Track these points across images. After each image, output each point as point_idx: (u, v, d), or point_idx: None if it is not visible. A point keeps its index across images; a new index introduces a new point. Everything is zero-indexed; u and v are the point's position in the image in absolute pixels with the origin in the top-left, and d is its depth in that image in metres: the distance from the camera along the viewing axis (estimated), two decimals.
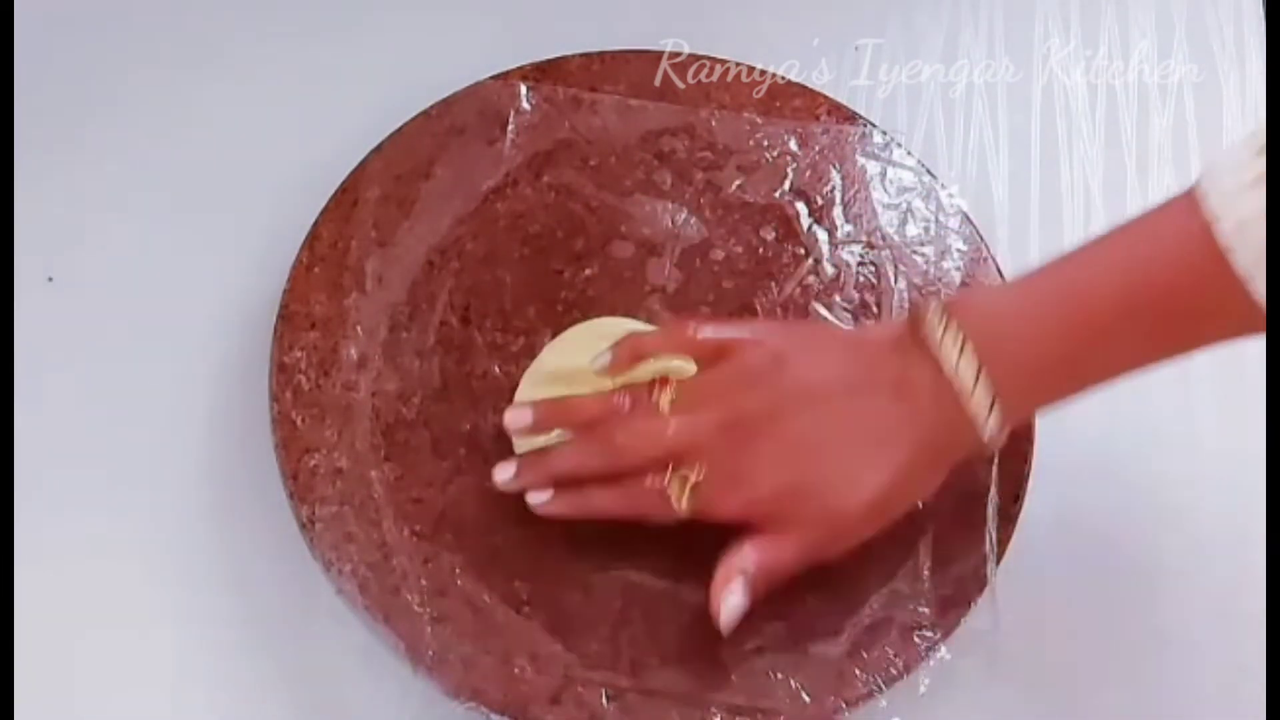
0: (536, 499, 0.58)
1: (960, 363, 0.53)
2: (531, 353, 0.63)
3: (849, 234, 0.67)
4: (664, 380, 0.58)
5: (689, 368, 0.59)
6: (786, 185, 0.68)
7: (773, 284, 0.66)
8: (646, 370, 0.59)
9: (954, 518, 0.60)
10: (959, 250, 0.67)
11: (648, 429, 0.56)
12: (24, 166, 0.66)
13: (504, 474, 0.58)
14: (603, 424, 0.57)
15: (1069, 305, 0.53)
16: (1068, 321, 0.53)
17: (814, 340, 0.60)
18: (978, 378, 0.53)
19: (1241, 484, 0.64)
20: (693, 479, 0.56)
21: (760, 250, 0.66)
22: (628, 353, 0.59)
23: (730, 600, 0.55)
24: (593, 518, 0.58)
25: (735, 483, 0.56)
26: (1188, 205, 0.49)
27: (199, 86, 0.71)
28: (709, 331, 0.59)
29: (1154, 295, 0.51)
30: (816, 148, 0.69)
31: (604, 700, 0.56)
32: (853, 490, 0.55)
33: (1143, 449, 0.67)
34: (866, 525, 0.56)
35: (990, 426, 0.54)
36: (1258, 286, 0.48)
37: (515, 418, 0.59)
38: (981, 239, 0.68)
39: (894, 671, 0.57)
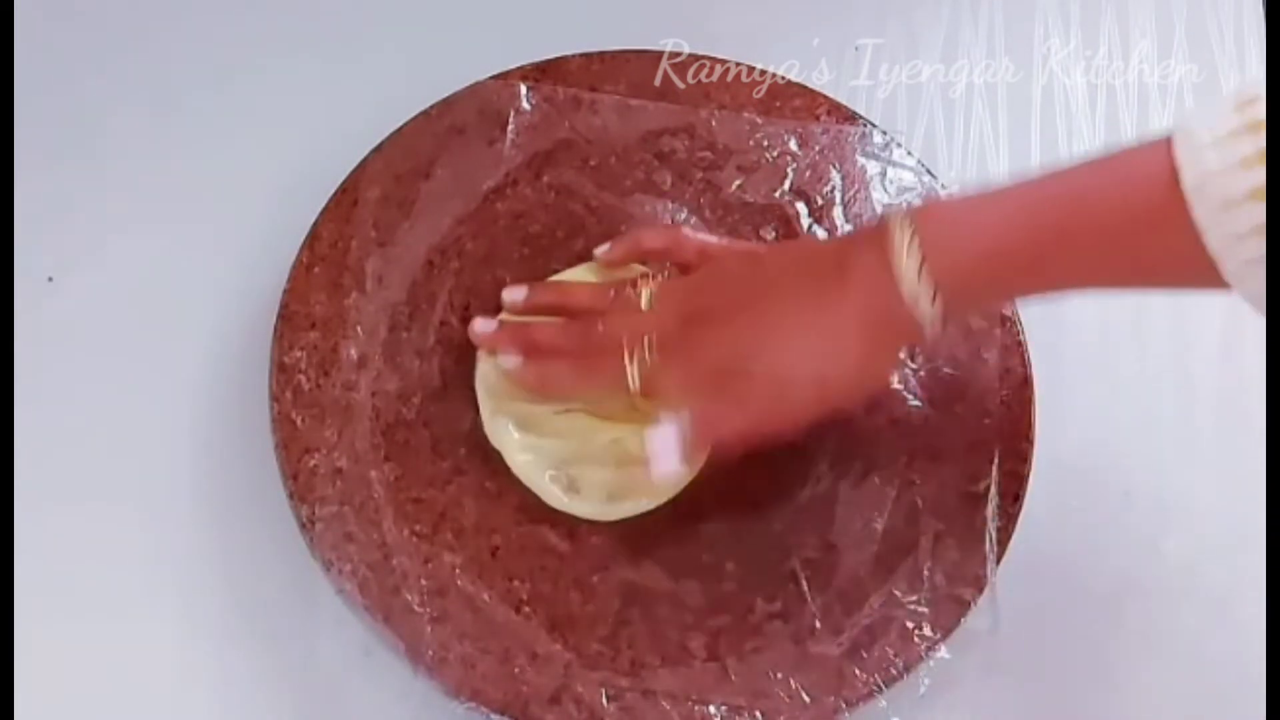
0: (508, 362, 0.61)
1: (906, 252, 0.54)
2: None
3: (849, 234, 0.67)
4: (645, 278, 0.61)
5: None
6: (786, 185, 0.68)
7: None
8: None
9: (954, 518, 0.60)
10: None
11: (623, 320, 0.60)
12: (24, 166, 0.66)
13: (484, 326, 0.62)
14: (587, 312, 0.61)
15: (1021, 216, 0.54)
16: (1016, 230, 0.54)
17: (792, 248, 0.63)
18: (920, 269, 0.54)
19: (1241, 484, 0.64)
20: (647, 359, 0.58)
21: None
22: (626, 245, 0.63)
23: (660, 438, 0.57)
24: (553, 390, 0.61)
25: (679, 361, 0.58)
26: (1162, 147, 0.50)
27: (199, 87, 0.71)
28: (701, 237, 0.63)
29: (1106, 223, 0.52)
30: (816, 148, 0.69)
31: (604, 700, 0.56)
32: (788, 363, 0.57)
33: (1143, 449, 0.67)
34: (808, 399, 0.57)
35: (929, 316, 0.55)
36: (1212, 239, 0.48)
37: (511, 294, 0.63)
38: None
39: (894, 671, 0.57)
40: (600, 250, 0.64)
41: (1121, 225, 0.51)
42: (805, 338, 0.56)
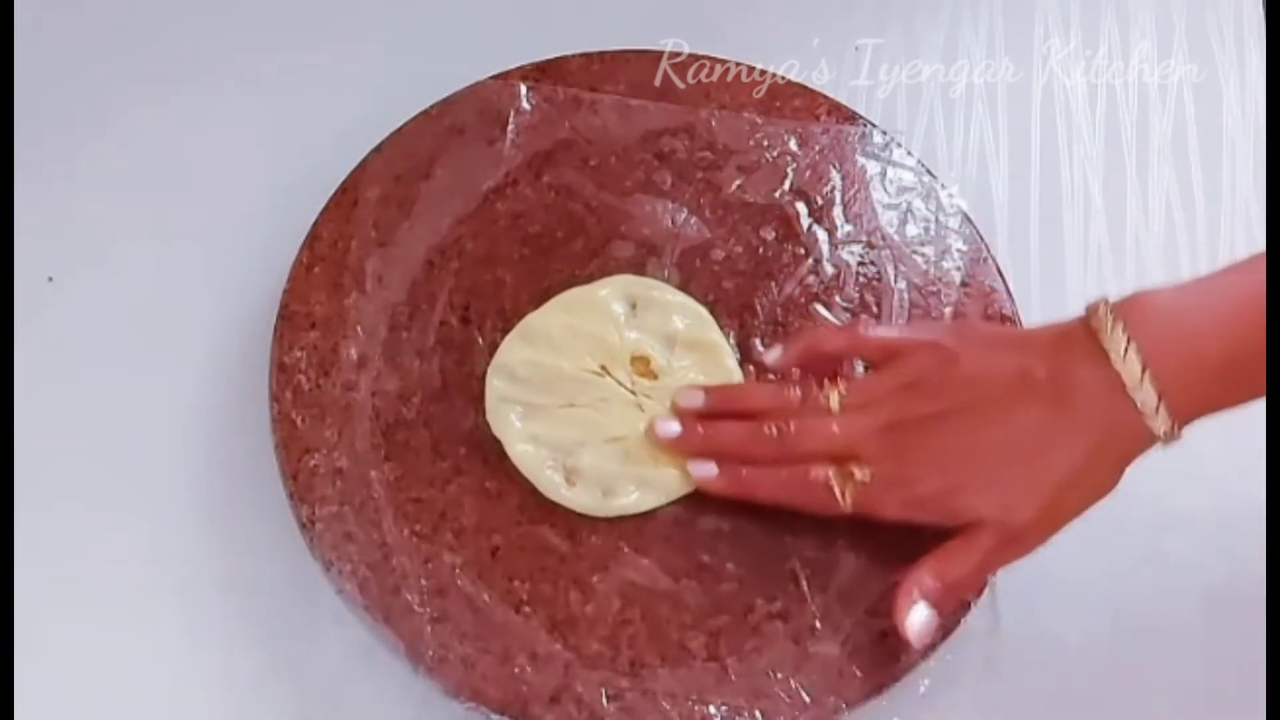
0: (701, 471, 0.59)
1: (1126, 359, 0.52)
2: None
3: (849, 234, 0.67)
4: (834, 378, 0.59)
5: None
6: (786, 185, 0.68)
7: (773, 284, 0.66)
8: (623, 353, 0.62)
9: None
10: (959, 250, 0.67)
11: (817, 425, 0.57)
12: (24, 166, 0.66)
13: (668, 430, 0.60)
14: (774, 413, 0.58)
15: (1245, 309, 0.52)
16: (1241, 326, 0.52)
17: (983, 342, 0.59)
18: (1143, 375, 0.52)
19: (1241, 483, 0.64)
20: (859, 477, 0.56)
21: (760, 250, 0.66)
22: (801, 349, 0.60)
23: (913, 618, 0.55)
24: (753, 500, 0.59)
25: (897, 484, 0.56)
26: None
27: (199, 87, 0.71)
28: (881, 332, 0.60)
29: None
30: (816, 148, 0.69)
31: (604, 700, 0.56)
32: (1015, 501, 0.55)
33: None
34: (1041, 531, 0.56)
35: (1159, 424, 0.53)
36: None
37: (687, 397, 0.60)
38: (981, 239, 0.68)
39: (894, 671, 0.57)
40: (770, 356, 0.61)
41: None
42: (1036, 483, 0.55)
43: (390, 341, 0.62)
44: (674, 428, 0.60)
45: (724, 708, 0.56)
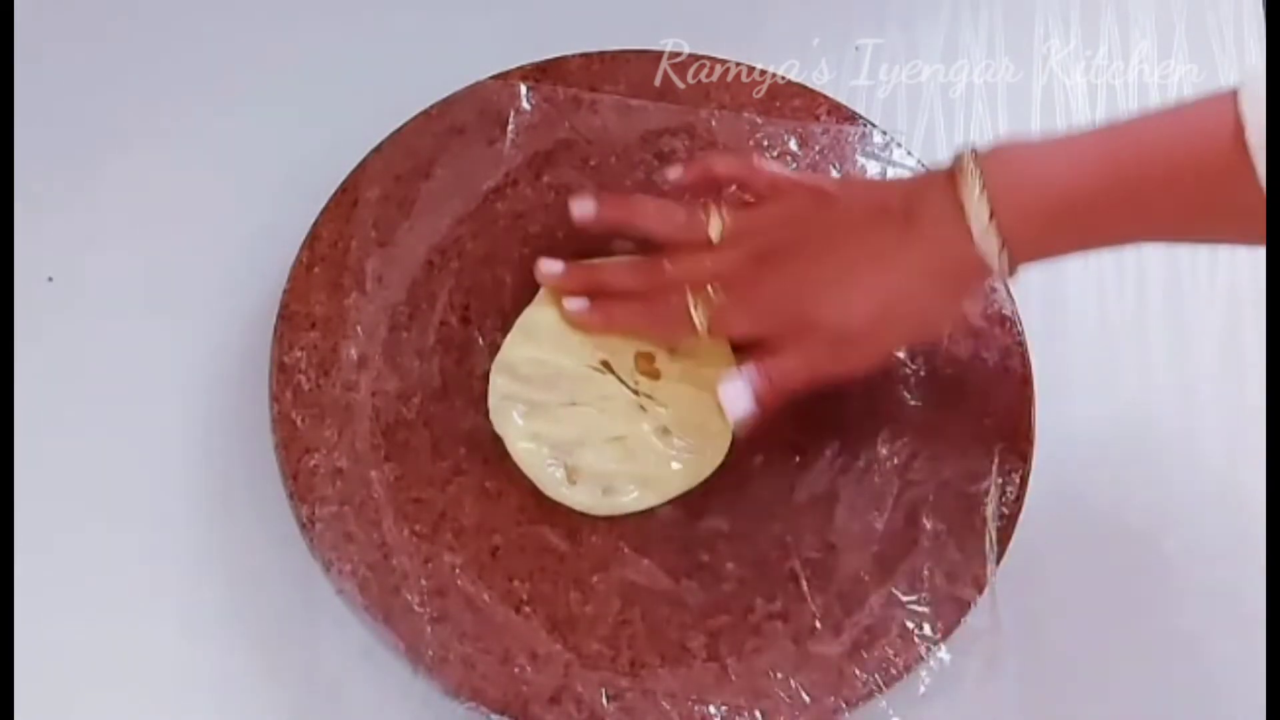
0: (573, 305, 0.62)
1: (977, 200, 0.54)
2: None
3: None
4: (717, 205, 0.62)
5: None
6: None
7: None
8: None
9: (954, 518, 0.60)
10: None
11: (691, 260, 0.61)
12: (24, 166, 0.66)
13: (551, 267, 0.63)
14: (655, 227, 0.62)
15: (1092, 167, 0.54)
16: (1086, 182, 0.54)
17: (862, 188, 0.63)
18: (990, 217, 0.54)
19: (1241, 483, 0.64)
20: (715, 300, 0.59)
21: None
22: (698, 170, 0.64)
23: (734, 397, 0.58)
24: (618, 332, 0.62)
25: (746, 303, 0.59)
26: (1226, 103, 0.50)
27: (199, 87, 0.71)
28: (773, 168, 0.63)
29: (1174, 177, 0.52)
30: (816, 148, 0.69)
31: (604, 700, 0.56)
32: (851, 306, 0.57)
33: (1143, 449, 0.67)
34: (868, 344, 0.59)
35: (998, 263, 0.55)
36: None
37: (580, 208, 0.63)
38: None
39: (894, 671, 0.57)
40: (671, 173, 0.64)
41: (1188, 179, 0.52)
42: (870, 288, 0.57)
43: (390, 341, 0.62)
44: (556, 267, 0.63)
45: (724, 708, 0.56)
